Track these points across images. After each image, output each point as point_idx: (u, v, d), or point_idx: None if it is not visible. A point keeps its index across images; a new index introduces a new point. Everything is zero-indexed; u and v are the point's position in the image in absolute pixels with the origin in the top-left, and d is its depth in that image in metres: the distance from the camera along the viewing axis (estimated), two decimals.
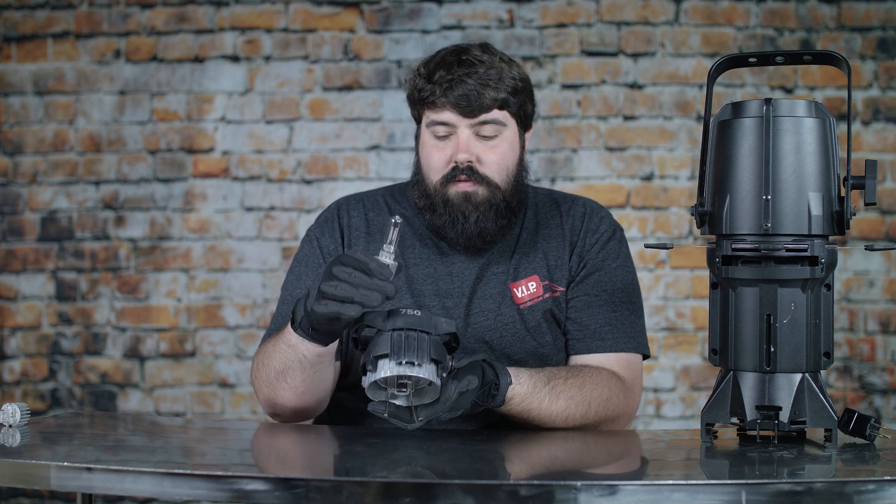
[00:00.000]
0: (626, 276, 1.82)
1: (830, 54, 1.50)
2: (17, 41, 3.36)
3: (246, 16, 3.35)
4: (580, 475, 1.35)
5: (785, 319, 1.42)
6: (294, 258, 1.87)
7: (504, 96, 1.71)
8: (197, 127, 3.34)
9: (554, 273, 1.79)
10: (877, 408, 3.28)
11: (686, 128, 3.31)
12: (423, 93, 1.74)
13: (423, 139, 1.78)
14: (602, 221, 1.84)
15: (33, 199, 3.36)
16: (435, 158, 1.75)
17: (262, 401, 1.73)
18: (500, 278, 1.78)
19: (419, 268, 1.79)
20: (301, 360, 1.60)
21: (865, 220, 3.28)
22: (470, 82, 1.69)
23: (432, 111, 1.74)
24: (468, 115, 1.71)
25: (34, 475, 1.30)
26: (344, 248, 1.82)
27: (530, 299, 1.77)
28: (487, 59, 1.72)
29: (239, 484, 1.23)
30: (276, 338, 1.64)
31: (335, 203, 1.90)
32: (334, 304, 1.44)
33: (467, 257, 1.79)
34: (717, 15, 3.31)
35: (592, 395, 1.67)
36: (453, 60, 1.72)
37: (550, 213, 1.85)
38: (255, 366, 1.71)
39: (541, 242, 1.81)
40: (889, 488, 1.21)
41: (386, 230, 1.48)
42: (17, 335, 3.35)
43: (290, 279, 1.84)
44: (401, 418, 1.44)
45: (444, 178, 1.74)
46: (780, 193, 1.40)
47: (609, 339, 1.76)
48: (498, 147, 1.74)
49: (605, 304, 1.77)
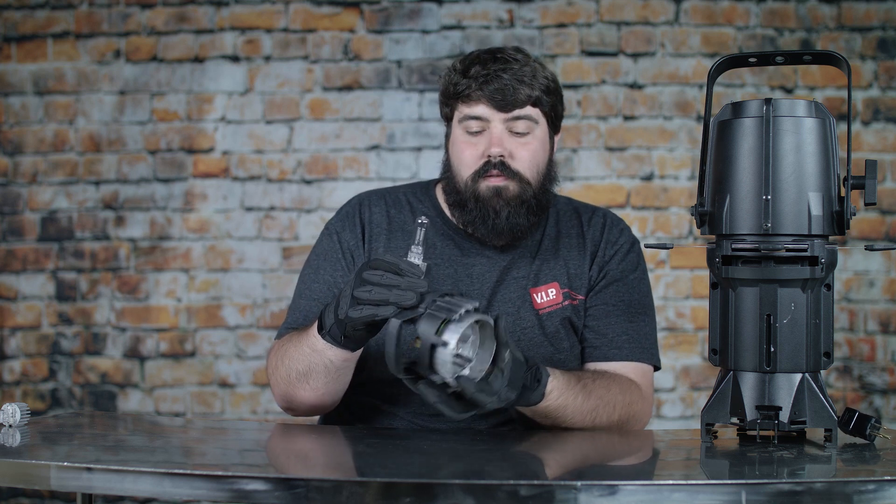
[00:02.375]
0: (643, 288, 1.85)
1: (830, 54, 1.50)
2: (17, 41, 3.36)
3: (246, 16, 3.35)
4: (580, 475, 1.35)
5: (785, 319, 1.42)
6: (312, 251, 1.86)
7: (538, 94, 1.73)
8: (197, 127, 3.34)
9: (574, 281, 1.80)
10: (877, 408, 3.28)
11: (686, 128, 3.31)
12: (459, 86, 1.75)
13: (455, 135, 1.79)
14: (622, 233, 1.86)
15: (33, 199, 3.36)
16: (467, 154, 1.76)
17: (279, 396, 1.73)
18: (520, 283, 1.79)
19: (440, 268, 1.79)
20: (327, 364, 1.60)
21: (865, 220, 3.28)
22: (505, 77, 1.71)
23: (466, 105, 1.75)
24: (502, 110, 1.73)
25: (34, 475, 1.30)
26: (364, 244, 1.81)
27: (549, 306, 1.78)
28: (522, 57, 1.75)
29: (239, 484, 1.23)
30: (297, 339, 1.63)
31: (356, 198, 1.89)
32: (369, 307, 1.43)
33: (488, 260, 1.80)
34: (717, 15, 3.31)
35: (617, 397, 1.69)
36: (488, 57, 1.75)
37: (571, 221, 1.86)
38: (273, 363, 1.71)
39: (562, 251, 1.82)
40: (889, 488, 1.21)
41: (413, 231, 1.48)
42: (17, 335, 3.35)
43: (308, 272, 1.83)
44: (452, 408, 1.40)
45: (476, 174, 1.75)
46: (780, 193, 1.40)
47: (626, 349, 1.78)
48: (530, 144, 1.75)
49: (623, 314, 1.80)
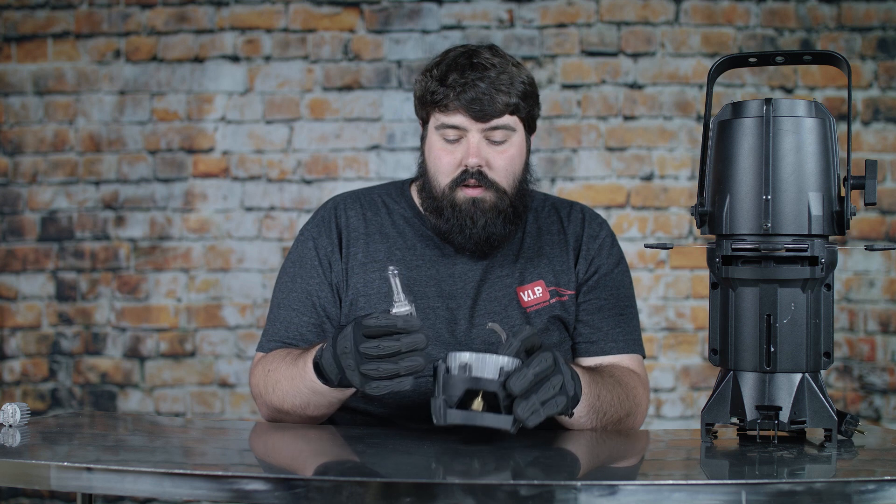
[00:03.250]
0: (627, 280, 1.86)
1: (830, 54, 1.50)
2: (17, 41, 3.36)
3: (246, 16, 3.35)
4: (580, 475, 1.35)
5: (785, 319, 1.42)
6: (287, 258, 1.84)
7: (515, 101, 1.71)
8: (197, 127, 3.34)
9: (560, 278, 1.81)
10: (877, 408, 3.28)
11: (686, 128, 3.31)
12: (436, 95, 1.72)
13: (431, 141, 1.76)
14: (601, 227, 1.87)
15: (33, 199, 3.36)
16: (444, 161, 1.74)
17: (267, 416, 1.73)
18: (505, 282, 1.79)
19: (421, 269, 1.78)
20: (330, 401, 1.61)
21: (865, 220, 3.28)
22: (482, 86, 1.68)
23: (443, 114, 1.72)
24: (480, 120, 1.70)
25: (34, 475, 1.30)
26: (341, 249, 1.80)
27: (537, 303, 1.78)
28: (498, 62, 1.71)
29: (239, 484, 1.23)
30: (289, 374, 1.61)
31: (331, 201, 1.87)
32: (385, 383, 1.40)
33: (469, 259, 1.80)
34: (717, 15, 3.31)
35: (628, 386, 1.72)
36: (465, 63, 1.71)
37: (550, 218, 1.86)
38: (261, 384, 1.70)
39: (545, 248, 1.82)
40: (889, 488, 1.21)
41: (390, 284, 1.45)
42: (17, 335, 3.35)
43: (284, 280, 1.81)
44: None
45: (453, 182, 1.73)
46: (780, 193, 1.40)
47: (620, 341, 1.80)
48: (507, 152, 1.74)
49: (614, 307, 1.81)
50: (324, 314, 1.77)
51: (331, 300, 1.77)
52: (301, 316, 1.77)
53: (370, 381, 1.41)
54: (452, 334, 1.74)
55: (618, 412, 1.66)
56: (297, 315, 1.77)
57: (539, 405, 1.37)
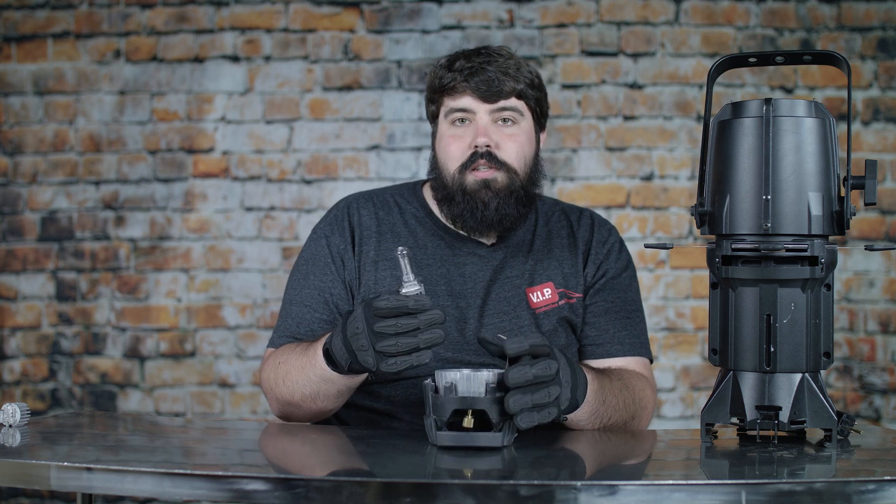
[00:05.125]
0: (634, 285, 1.88)
1: (830, 54, 1.50)
2: (17, 41, 3.36)
3: (246, 16, 3.35)
4: (580, 475, 1.35)
5: (785, 319, 1.42)
6: (300, 256, 1.85)
7: (522, 87, 1.76)
8: (197, 127, 3.34)
9: (569, 280, 1.82)
10: (877, 408, 3.28)
11: (686, 128, 3.31)
12: (444, 80, 1.77)
13: (441, 131, 1.80)
14: (610, 233, 1.90)
15: (33, 199, 3.36)
16: (453, 147, 1.77)
17: (277, 410, 1.74)
18: (514, 282, 1.79)
19: (432, 268, 1.79)
20: (340, 389, 1.61)
21: (865, 220, 3.28)
22: (490, 69, 1.74)
23: (452, 98, 1.77)
24: (488, 101, 1.74)
25: (34, 475, 1.30)
26: (354, 247, 1.81)
27: (545, 305, 1.79)
28: (506, 53, 1.79)
29: (239, 484, 1.23)
30: (299, 364, 1.62)
31: (344, 201, 1.89)
32: (403, 358, 1.40)
33: (480, 259, 1.81)
34: (717, 15, 3.31)
35: (635, 389, 1.72)
36: (473, 52, 1.79)
37: (560, 222, 1.88)
38: (271, 378, 1.70)
39: (555, 251, 1.84)
40: (889, 488, 1.21)
41: (399, 264, 1.46)
42: (17, 335, 3.35)
43: (296, 278, 1.83)
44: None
45: (463, 166, 1.76)
46: (780, 193, 1.40)
47: (627, 344, 1.81)
48: (516, 136, 1.77)
49: (621, 310, 1.82)
50: (336, 311, 1.78)
51: (343, 297, 1.78)
52: (313, 312, 1.77)
53: (386, 358, 1.40)
54: (461, 333, 1.75)
55: (622, 416, 1.67)
56: (310, 311, 1.78)
57: (530, 405, 1.36)
